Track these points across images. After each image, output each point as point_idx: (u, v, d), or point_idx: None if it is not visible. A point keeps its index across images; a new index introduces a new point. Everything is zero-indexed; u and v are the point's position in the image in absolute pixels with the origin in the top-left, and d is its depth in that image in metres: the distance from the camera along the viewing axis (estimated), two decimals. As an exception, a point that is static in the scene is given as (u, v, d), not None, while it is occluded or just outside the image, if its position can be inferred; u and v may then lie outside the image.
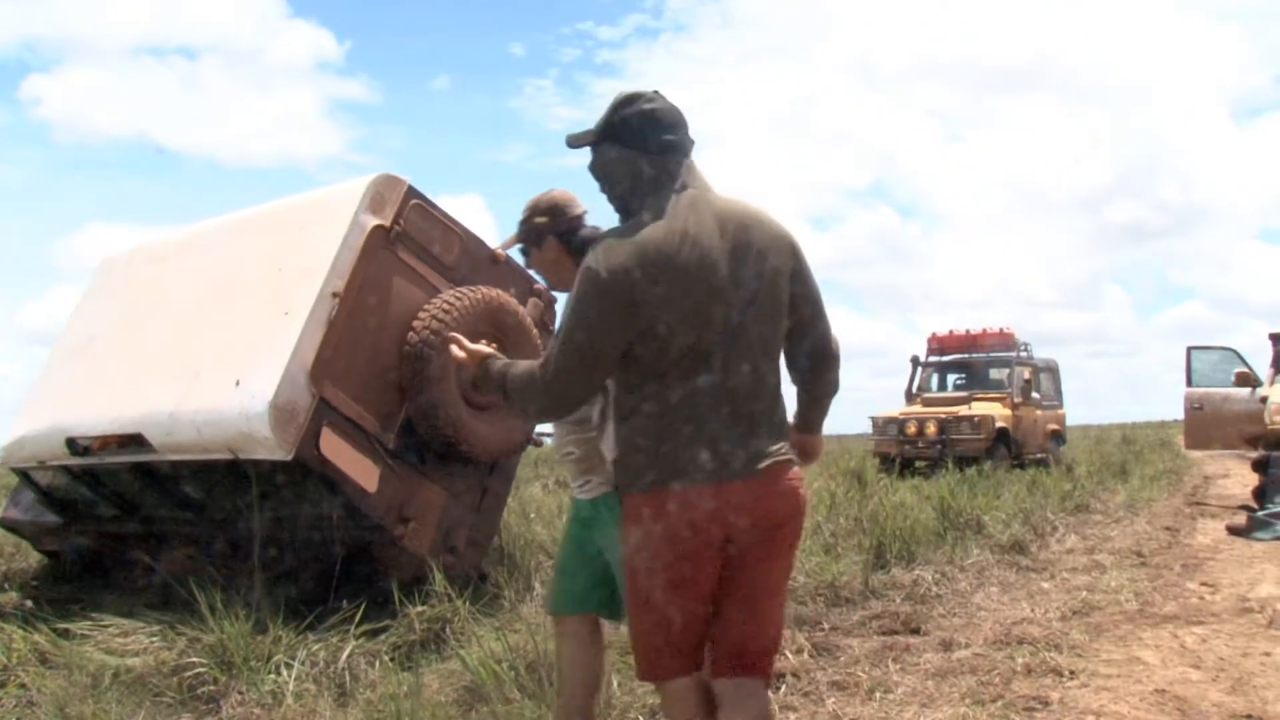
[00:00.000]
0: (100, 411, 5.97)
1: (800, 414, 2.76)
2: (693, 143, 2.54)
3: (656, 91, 2.53)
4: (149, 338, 6.19)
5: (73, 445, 6.08)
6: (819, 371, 2.66)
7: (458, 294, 5.71)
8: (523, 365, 2.55)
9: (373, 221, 5.51)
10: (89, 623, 5.07)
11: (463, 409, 5.64)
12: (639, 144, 2.47)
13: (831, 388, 2.74)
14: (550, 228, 3.30)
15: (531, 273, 4.24)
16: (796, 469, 2.50)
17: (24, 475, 6.92)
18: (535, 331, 6.05)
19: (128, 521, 6.54)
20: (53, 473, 6.74)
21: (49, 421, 6.32)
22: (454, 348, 2.79)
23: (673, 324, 2.35)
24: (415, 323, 5.55)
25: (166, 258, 6.81)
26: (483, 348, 2.77)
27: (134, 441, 5.74)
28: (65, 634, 4.92)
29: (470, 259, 6.03)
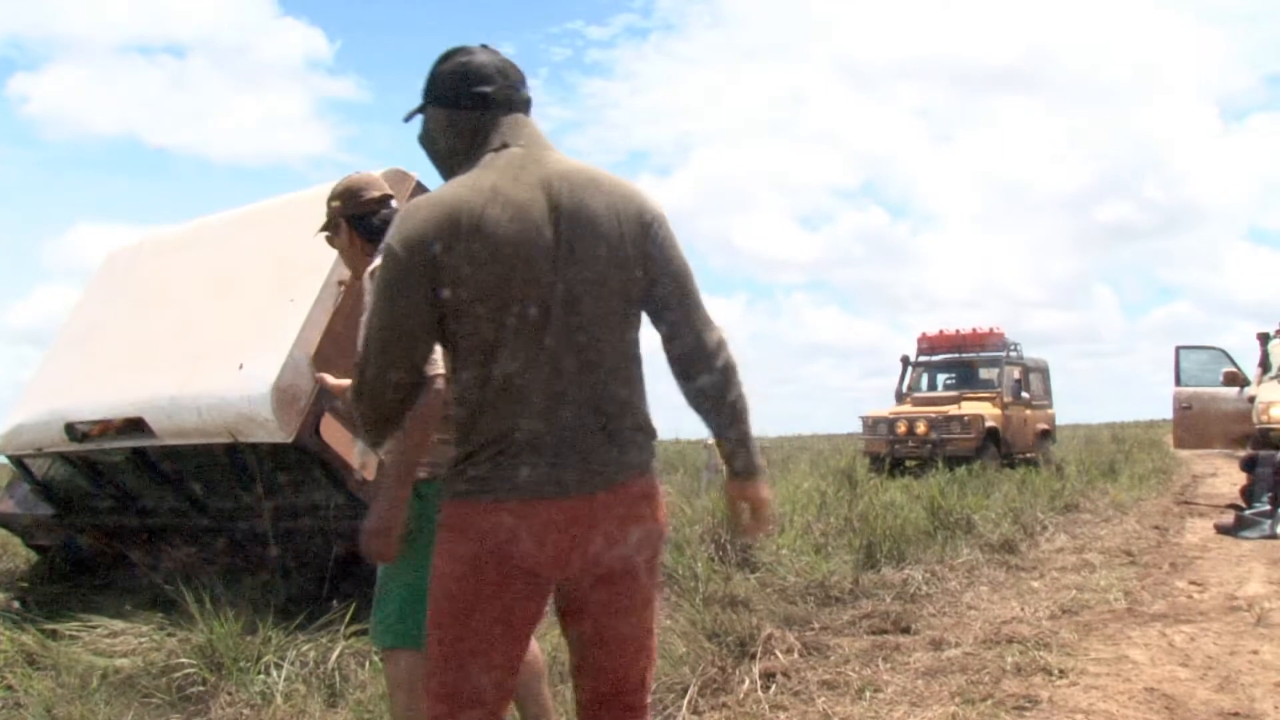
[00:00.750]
0: (101, 397, 5.98)
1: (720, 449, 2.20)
2: (525, 98, 2.15)
3: (484, 45, 2.16)
4: (152, 326, 6.19)
5: (71, 431, 6.07)
6: (687, 376, 2.08)
7: None
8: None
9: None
10: (77, 623, 5.05)
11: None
12: (452, 101, 2.11)
13: (708, 400, 2.08)
14: (342, 211, 3.22)
15: None
16: (650, 485, 2.05)
17: (20, 465, 6.90)
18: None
19: (123, 514, 6.53)
20: (49, 462, 6.75)
21: (48, 408, 6.32)
22: (328, 379, 2.84)
23: (479, 297, 1.94)
24: None
25: (172, 250, 6.83)
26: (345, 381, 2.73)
27: (134, 426, 5.75)
28: (53, 635, 4.90)
29: None
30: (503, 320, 1.95)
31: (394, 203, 3.24)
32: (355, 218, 3.21)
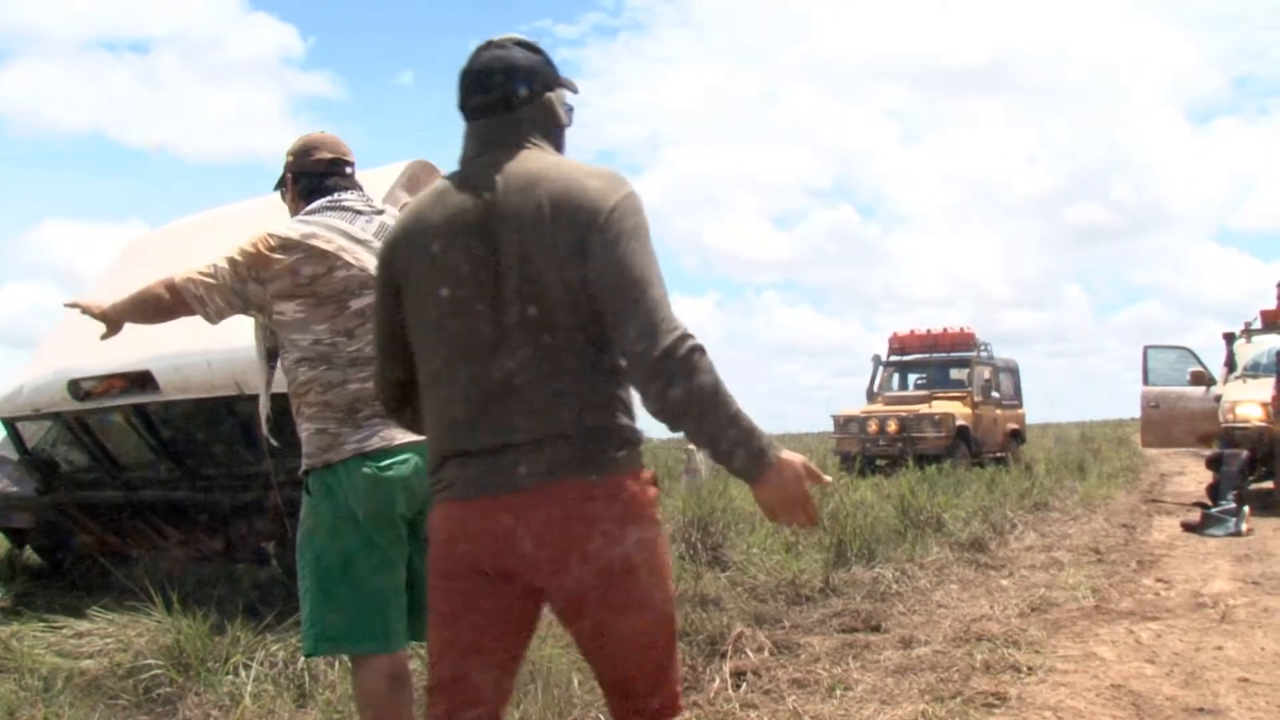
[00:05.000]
0: (107, 355, 5.98)
1: None
2: (503, 100, 2.08)
3: (490, 40, 2.14)
4: None
5: (74, 389, 6.05)
6: (634, 382, 1.97)
7: None
8: None
9: (405, 198, 5.60)
10: (41, 623, 5.00)
11: None
12: (460, 107, 2.14)
13: (659, 410, 1.93)
14: (290, 166, 3.19)
15: None
16: (594, 487, 1.94)
17: (12, 430, 6.84)
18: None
19: (109, 488, 6.50)
20: (41, 431, 6.70)
21: (51, 369, 6.29)
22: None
23: (420, 298, 2.02)
24: None
25: (192, 233, 6.80)
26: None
27: (140, 382, 5.72)
28: (16, 636, 4.84)
29: None
30: (435, 324, 2.00)
31: (350, 169, 3.19)
32: (299, 174, 3.18)
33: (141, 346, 5.73)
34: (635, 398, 2.00)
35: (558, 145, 2.14)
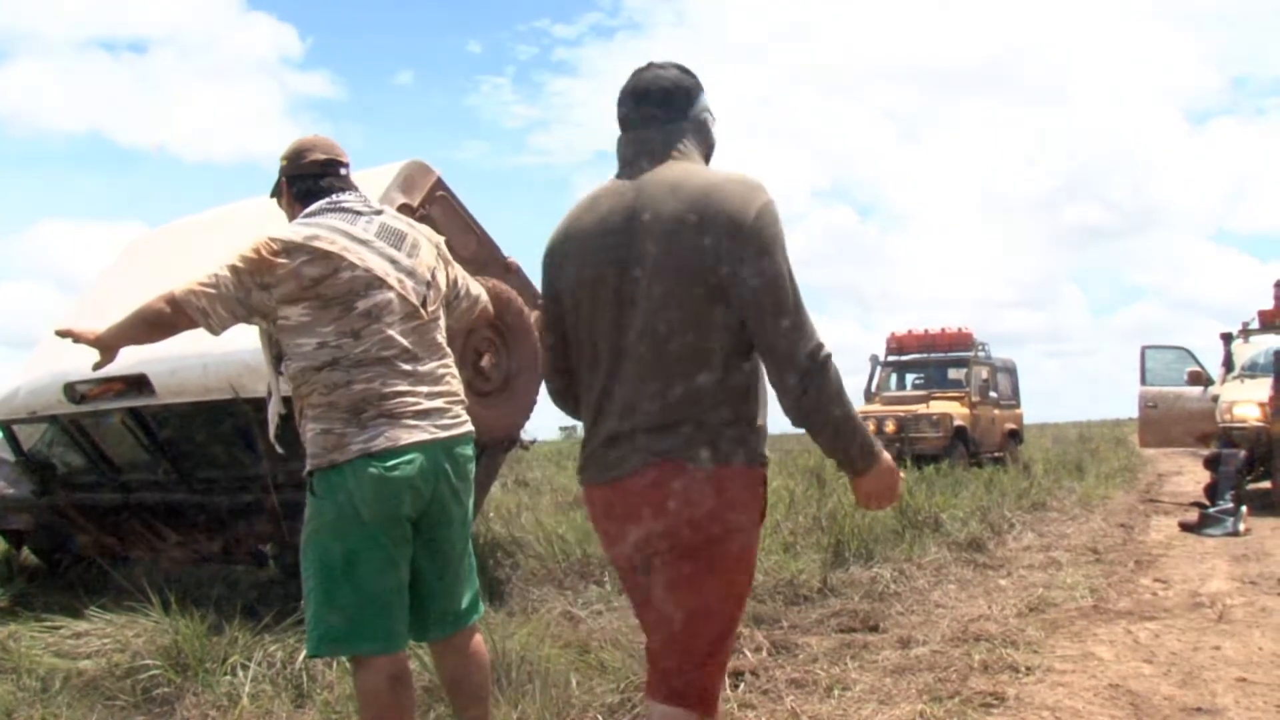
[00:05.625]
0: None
1: None
2: (660, 115, 2.28)
3: (650, 63, 2.35)
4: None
5: (70, 392, 6.05)
6: (773, 381, 2.14)
7: None
8: None
9: (400, 199, 5.60)
10: (39, 624, 4.99)
11: (465, 394, 5.67)
12: (618, 120, 2.35)
13: (795, 410, 2.12)
14: (284, 171, 3.19)
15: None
16: (704, 472, 2.10)
17: (8, 432, 6.83)
18: (537, 335, 6.08)
19: (106, 490, 6.49)
20: (38, 433, 6.71)
21: (48, 371, 6.29)
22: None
23: (574, 297, 2.24)
24: None
25: (192, 234, 6.80)
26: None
27: (136, 385, 5.72)
28: (14, 636, 4.84)
29: (483, 260, 6.06)
30: (581, 319, 2.23)
31: (344, 170, 3.18)
32: (294, 177, 3.18)
33: (137, 350, 5.73)
34: (770, 395, 2.19)
35: (706, 159, 2.33)
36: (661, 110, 2.28)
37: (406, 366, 2.96)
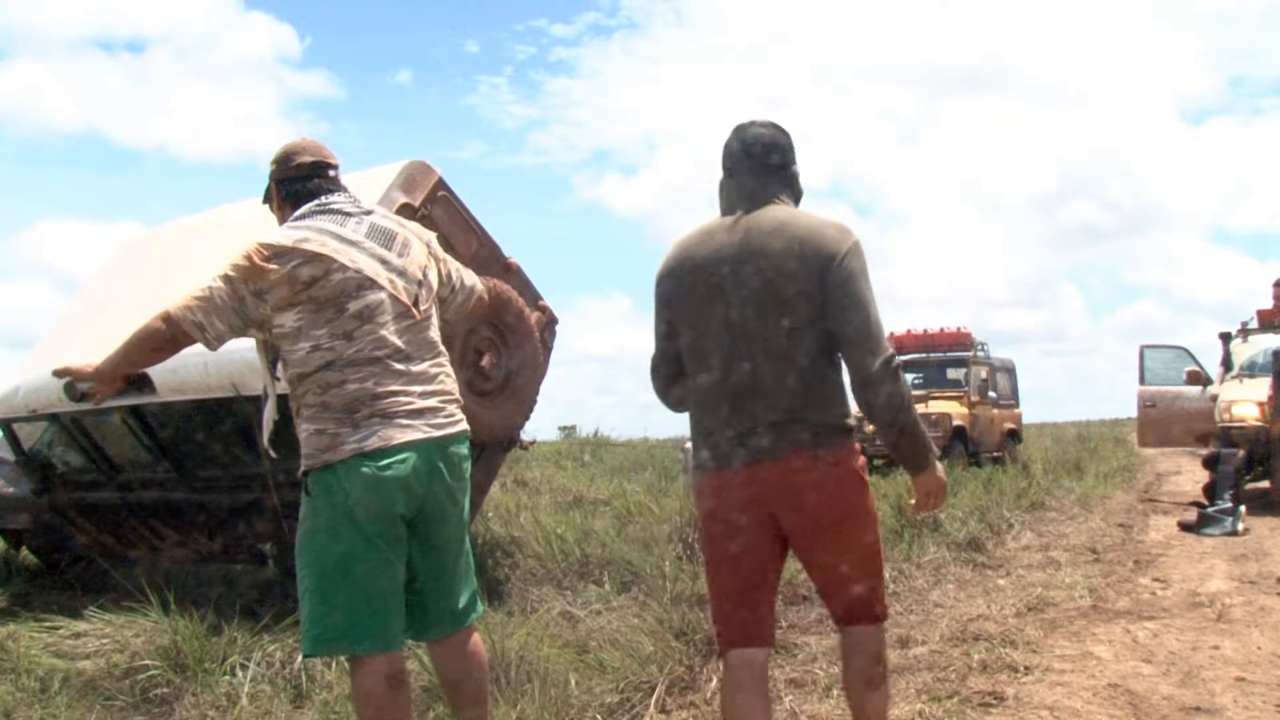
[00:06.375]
0: (105, 354, 5.96)
1: None
2: (763, 166, 2.74)
3: (752, 121, 2.81)
4: (163, 295, 6.14)
5: (71, 390, 6.03)
6: (854, 386, 2.63)
7: None
8: None
9: (402, 199, 5.59)
10: (38, 624, 4.99)
11: (465, 393, 5.68)
12: (723, 167, 2.81)
13: (870, 410, 2.62)
14: (273, 175, 3.19)
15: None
16: (808, 459, 2.60)
17: (8, 431, 6.83)
18: (538, 335, 6.11)
19: (105, 489, 6.48)
20: (38, 432, 6.72)
21: (48, 369, 6.28)
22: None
23: (689, 313, 2.70)
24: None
25: (190, 233, 6.79)
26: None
27: (135, 385, 5.72)
28: (12, 636, 4.84)
29: (484, 260, 6.07)
30: (696, 333, 2.69)
31: (333, 172, 3.17)
32: (282, 181, 3.17)
33: None
34: (850, 396, 2.68)
35: (796, 203, 2.79)
36: (762, 162, 2.75)
37: (400, 366, 2.95)
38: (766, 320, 2.58)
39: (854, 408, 2.70)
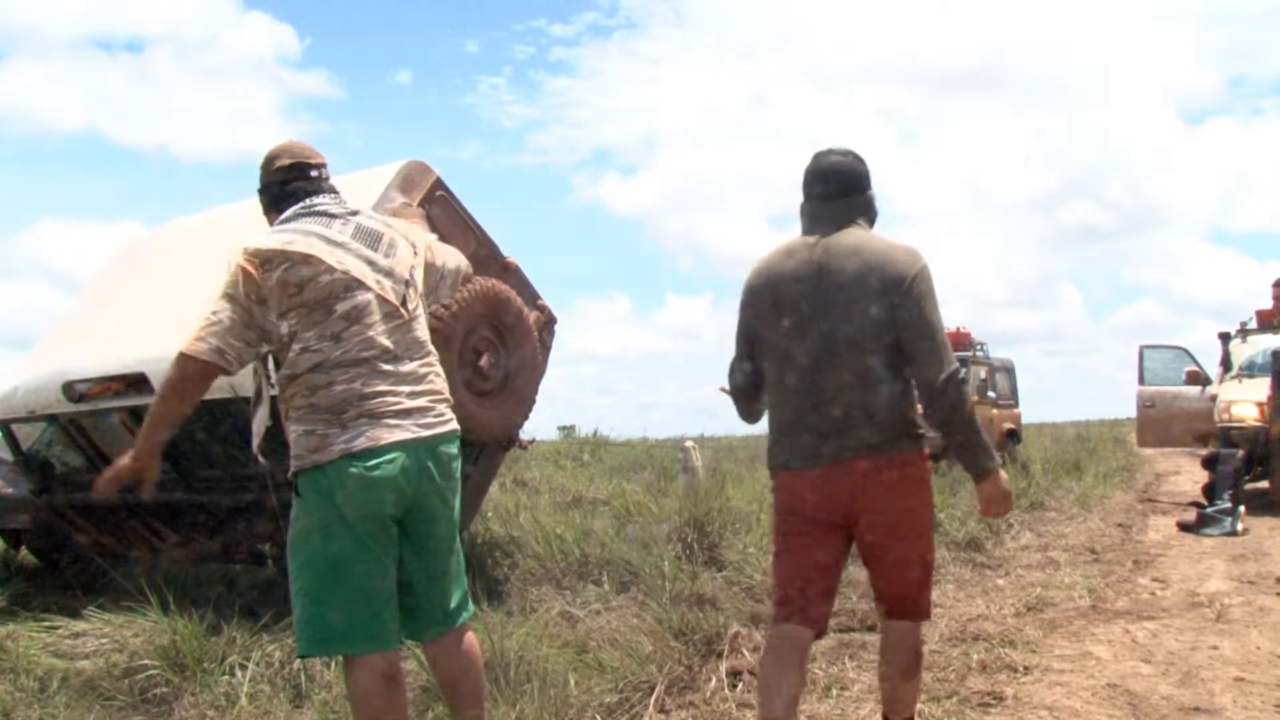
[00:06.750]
0: (103, 357, 5.96)
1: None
2: (841, 192, 2.99)
3: (831, 149, 3.07)
4: (162, 297, 6.13)
5: (69, 391, 6.03)
6: (922, 397, 2.91)
7: None
8: None
9: (400, 198, 5.59)
10: (37, 624, 4.99)
11: (464, 393, 5.70)
12: (802, 190, 3.07)
13: (935, 419, 2.88)
14: (260, 179, 3.20)
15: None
16: (881, 460, 2.87)
17: (7, 432, 6.82)
18: (536, 335, 6.12)
19: None
20: (37, 433, 6.74)
21: (47, 370, 6.28)
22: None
23: (772, 325, 2.96)
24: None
25: (190, 233, 6.80)
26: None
27: (135, 385, 5.71)
28: (11, 636, 4.84)
29: (483, 260, 6.07)
30: (777, 342, 2.95)
31: (315, 173, 3.16)
32: (265, 187, 3.18)
33: (137, 349, 5.72)
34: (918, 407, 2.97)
35: (871, 226, 3.04)
36: (840, 188, 3.00)
37: (387, 367, 2.96)
38: (841, 334, 2.84)
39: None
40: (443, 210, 5.88)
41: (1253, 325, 13.01)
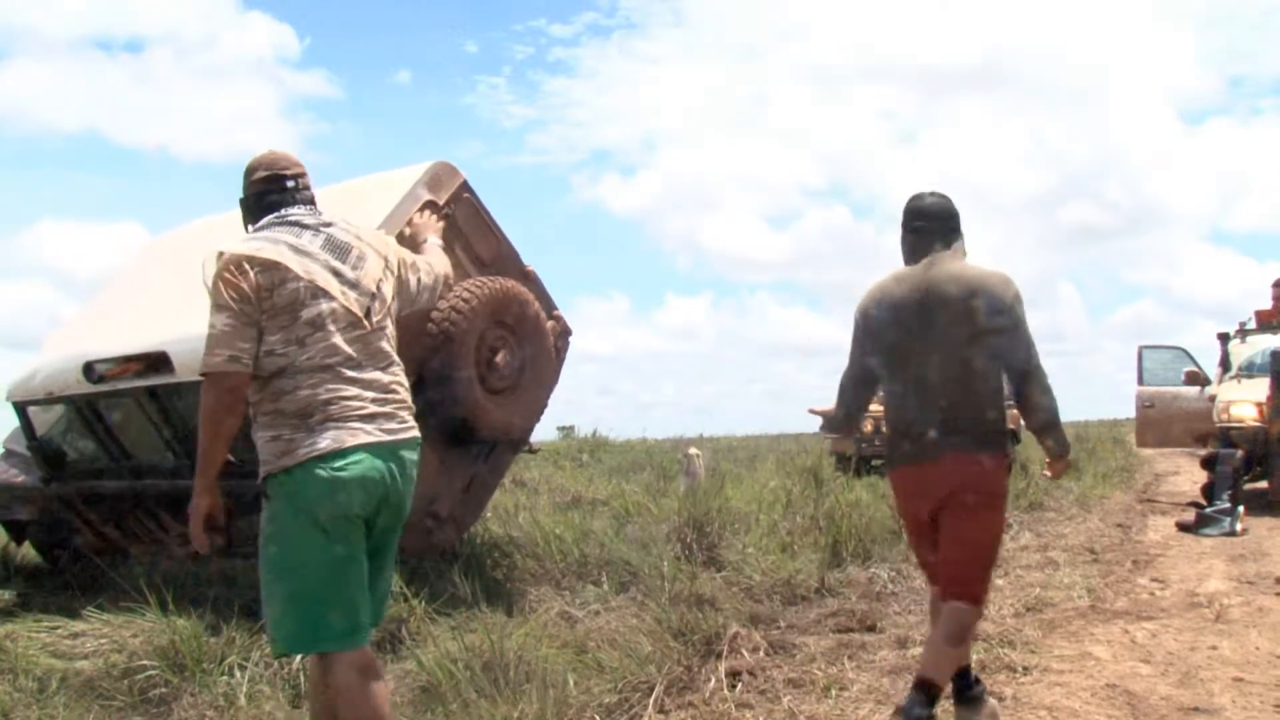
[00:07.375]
0: (124, 338, 5.99)
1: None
2: (939, 228, 3.56)
3: (923, 192, 3.63)
4: (185, 284, 6.13)
5: (89, 372, 6.05)
6: (1017, 391, 3.51)
7: (479, 282, 5.87)
8: None
9: (426, 196, 5.72)
10: (36, 624, 4.98)
11: (478, 390, 5.74)
12: (903, 224, 3.64)
13: (1028, 403, 3.51)
14: (241, 189, 3.28)
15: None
16: (971, 456, 3.43)
17: (23, 415, 6.81)
18: (551, 339, 6.21)
19: (113, 476, 6.48)
20: (54, 416, 6.79)
21: (67, 352, 6.29)
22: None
23: (884, 341, 3.55)
24: (441, 303, 5.59)
25: (214, 230, 6.80)
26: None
27: (154, 366, 5.72)
28: (11, 636, 4.83)
29: (503, 264, 6.22)
30: (891, 355, 3.56)
31: (291, 183, 3.21)
32: (243, 199, 3.26)
33: (158, 329, 5.77)
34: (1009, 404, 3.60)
35: (964, 256, 3.55)
36: (937, 224, 3.57)
37: (351, 373, 3.02)
38: (945, 348, 3.42)
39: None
40: (467, 212, 6.04)
41: (1252, 325, 13.00)
